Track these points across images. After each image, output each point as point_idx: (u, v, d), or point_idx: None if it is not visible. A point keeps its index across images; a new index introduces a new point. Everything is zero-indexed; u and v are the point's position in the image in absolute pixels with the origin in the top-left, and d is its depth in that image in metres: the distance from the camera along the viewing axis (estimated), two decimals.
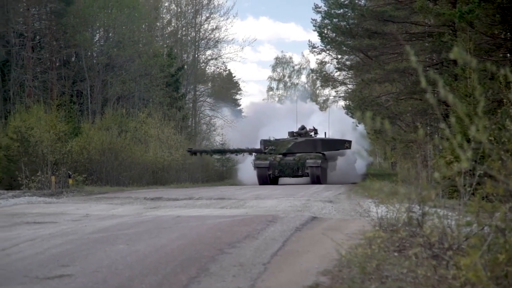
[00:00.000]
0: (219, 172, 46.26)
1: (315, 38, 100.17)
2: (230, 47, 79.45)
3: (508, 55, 24.78)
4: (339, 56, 41.78)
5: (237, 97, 76.19)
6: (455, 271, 5.17)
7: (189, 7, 58.98)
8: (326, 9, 34.06)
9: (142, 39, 49.46)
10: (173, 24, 59.89)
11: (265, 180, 34.84)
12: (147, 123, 39.61)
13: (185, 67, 57.22)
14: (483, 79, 18.64)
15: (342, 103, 50.65)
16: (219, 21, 59.15)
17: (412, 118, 32.59)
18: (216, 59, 61.36)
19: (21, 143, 28.53)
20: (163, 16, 59.79)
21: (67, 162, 29.40)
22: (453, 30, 26.07)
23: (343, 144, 38.87)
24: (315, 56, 64.52)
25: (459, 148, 4.28)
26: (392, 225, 7.77)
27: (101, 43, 47.54)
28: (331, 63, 47.67)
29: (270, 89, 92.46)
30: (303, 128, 39.66)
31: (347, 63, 41.14)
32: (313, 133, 39.63)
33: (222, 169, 46.43)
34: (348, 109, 35.44)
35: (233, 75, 74.96)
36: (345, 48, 35.74)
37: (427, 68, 28.93)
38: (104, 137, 33.68)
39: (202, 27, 58.74)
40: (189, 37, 59.61)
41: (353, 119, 36.04)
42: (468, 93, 16.74)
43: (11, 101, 37.93)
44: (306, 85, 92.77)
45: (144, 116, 40.08)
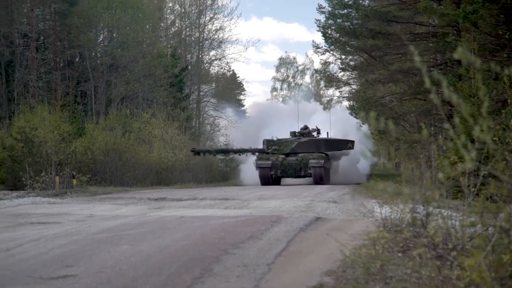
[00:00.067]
0: (223, 172, 46.24)
1: (319, 38, 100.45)
2: (234, 48, 79.78)
3: None
4: (343, 56, 41.78)
5: (241, 97, 76.22)
6: (459, 272, 5.17)
7: (193, 8, 59.03)
8: (330, 9, 34.00)
9: (146, 40, 49.47)
10: (177, 24, 59.93)
11: (267, 180, 34.65)
12: (151, 123, 39.62)
13: (189, 67, 57.22)
14: (487, 79, 18.62)
15: (346, 103, 50.59)
16: (223, 22, 59.47)
17: (416, 118, 32.53)
18: (220, 59, 61.42)
19: (25, 144, 28.57)
20: (167, 16, 59.83)
21: (71, 162, 29.43)
22: (457, 30, 26.04)
23: (346, 144, 38.74)
24: (319, 56, 64.58)
25: (463, 148, 4.27)
26: (396, 226, 7.76)
27: (105, 44, 47.56)
28: (335, 64, 47.70)
29: (274, 89, 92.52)
30: (306, 128, 39.48)
31: (351, 63, 41.12)
32: (315, 133, 39.47)
33: (226, 170, 46.39)
34: (352, 110, 35.34)
35: (237, 76, 74.96)
36: (349, 48, 35.70)
37: (431, 68, 28.88)
38: (108, 137, 33.70)
39: (206, 27, 58.80)
40: (193, 38, 59.64)
41: (357, 119, 35.92)
42: (472, 93, 16.73)
43: (16, 101, 37.98)
44: (310, 86, 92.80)
45: (148, 116, 40.08)
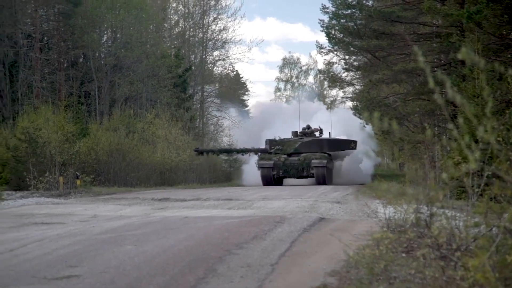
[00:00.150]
0: (227, 173, 46.20)
1: (323, 38, 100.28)
2: (237, 48, 79.61)
3: None
4: (347, 56, 41.75)
5: (245, 97, 76.19)
6: (463, 272, 5.16)
7: (196, 8, 59.03)
8: (333, 9, 34.01)
9: (149, 40, 49.50)
10: (180, 25, 59.92)
11: (269, 181, 34.40)
12: (155, 124, 39.62)
13: (193, 68, 57.22)
14: (491, 79, 18.59)
15: (349, 103, 50.54)
16: (226, 22, 59.24)
17: (420, 118, 32.51)
18: (223, 60, 61.43)
19: (29, 144, 28.59)
20: (171, 17, 59.86)
21: (75, 163, 29.44)
22: (461, 30, 26.03)
23: (349, 144, 38.58)
24: (322, 56, 64.61)
25: (467, 148, 4.27)
26: (400, 226, 7.76)
27: (109, 44, 47.61)
28: (338, 64, 47.65)
29: (277, 89, 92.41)
30: (308, 127, 39.29)
31: (355, 63, 41.09)
32: (318, 133, 39.31)
33: (229, 170, 46.35)
34: (355, 110, 35.31)
35: (241, 76, 74.90)
36: (352, 48, 35.67)
37: (435, 68, 28.87)
38: (111, 138, 33.72)
39: (209, 28, 58.78)
40: (196, 38, 59.63)
41: (360, 120, 35.87)
42: (476, 93, 16.71)
43: (19, 102, 38.01)
44: (313, 86, 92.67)
45: (151, 117, 40.09)
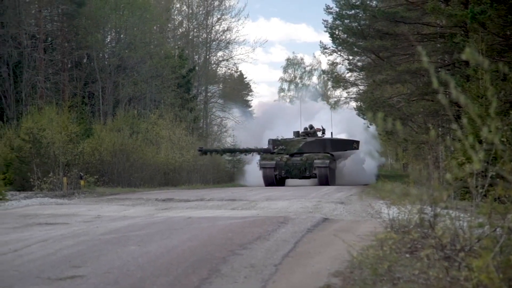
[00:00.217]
0: (230, 173, 46.16)
1: (327, 39, 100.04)
2: (241, 48, 79.52)
3: None
4: (351, 57, 41.65)
5: (248, 98, 76.17)
6: (467, 273, 5.16)
7: (200, 9, 59.06)
8: (337, 10, 33.99)
9: (153, 41, 49.54)
10: (184, 25, 59.97)
11: (271, 181, 34.13)
12: (159, 124, 39.63)
13: (197, 68, 57.25)
14: (495, 80, 18.57)
15: (353, 104, 50.45)
16: (230, 23, 59.11)
17: (423, 119, 32.45)
18: (227, 60, 61.41)
19: (33, 145, 28.62)
20: (175, 17, 59.89)
21: (79, 163, 29.49)
22: (465, 31, 26.00)
23: (352, 144, 38.45)
24: (326, 57, 64.21)
25: (471, 149, 4.26)
26: (403, 227, 7.75)
27: (113, 45, 47.63)
28: (342, 64, 47.50)
29: (281, 90, 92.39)
30: (311, 127, 39.11)
31: (359, 64, 41.02)
32: (320, 133, 39.15)
33: (233, 171, 46.30)
34: (359, 110, 35.27)
35: (245, 77, 74.93)
36: (356, 49, 35.65)
37: (439, 69, 28.83)
38: (115, 138, 33.72)
39: (213, 28, 58.80)
40: (200, 39, 59.65)
41: (364, 120, 35.83)
42: (480, 94, 16.70)
43: (23, 102, 38.06)
44: (317, 86, 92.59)
45: (155, 117, 40.12)
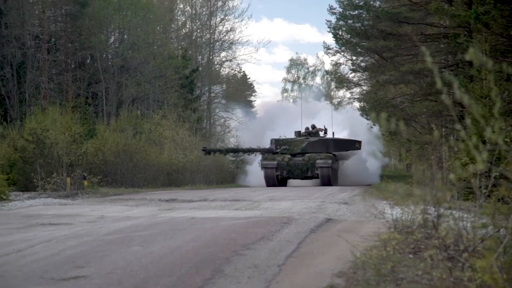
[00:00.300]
0: (234, 173, 46.12)
1: (330, 39, 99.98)
2: (244, 49, 79.42)
3: None
4: (354, 57, 41.64)
5: (252, 98, 76.16)
6: (471, 273, 5.15)
7: (203, 9, 59.07)
8: (340, 10, 34.01)
9: (156, 41, 49.56)
10: (187, 26, 59.95)
11: (273, 181, 33.90)
12: (162, 124, 39.65)
13: (200, 68, 57.24)
14: (499, 80, 18.55)
15: (357, 104, 50.45)
16: (233, 23, 59.12)
17: (427, 119, 32.45)
18: (230, 60, 61.46)
19: (37, 145, 28.67)
20: (178, 18, 59.90)
21: (82, 163, 29.52)
22: (468, 31, 25.98)
23: (354, 144, 38.34)
24: (329, 57, 64.49)
25: (474, 149, 4.26)
26: (407, 227, 7.74)
27: (116, 45, 47.66)
28: (345, 65, 47.50)
29: (284, 90, 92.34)
30: (314, 127, 38.93)
31: (362, 64, 41.00)
32: (322, 133, 39.00)
33: (236, 171, 46.24)
34: (363, 111, 35.25)
35: (248, 77, 74.90)
36: (360, 49, 35.64)
37: (443, 69, 28.83)
38: (119, 138, 33.74)
39: (216, 29, 58.80)
40: (203, 39, 59.67)
41: (368, 120, 35.79)
42: (483, 94, 16.68)
43: (27, 103, 38.09)
44: (320, 87, 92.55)
45: (158, 117, 40.12)
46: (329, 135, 38.40)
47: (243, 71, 71.10)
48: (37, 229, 11.79)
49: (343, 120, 48.28)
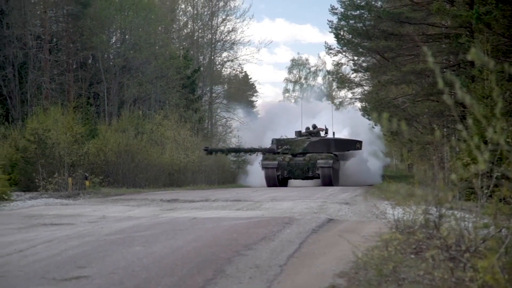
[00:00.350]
0: (235, 174, 46.11)
1: (332, 39, 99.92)
2: (246, 49, 79.09)
3: None
4: (356, 57, 41.61)
5: (253, 99, 76.15)
6: (472, 274, 5.15)
7: (205, 9, 59.07)
8: (342, 10, 33.99)
9: (158, 41, 49.57)
10: (189, 26, 59.98)
11: (273, 181, 33.74)
12: (163, 125, 39.66)
13: (201, 69, 57.25)
14: (500, 80, 18.55)
15: (358, 104, 50.41)
16: (235, 23, 59.12)
17: (429, 119, 32.41)
18: (232, 61, 61.44)
19: (38, 145, 28.69)
20: (180, 18, 59.92)
21: (84, 164, 29.53)
22: (470, 31, 25.96)
23: (354, 144, 38.26)
24: (331, 57, 64.26)
25: (476, 150, 4.26)
26: (408, 227, 7.74)
27: (118, 46, 47.69)
28: (347, 65, 47.44)
29: (286, 91, 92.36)
30: (315, 127, 38.78)
31: (364, 64, 40.97)
32: (323, 132, 38.90)
33: (238, 171, 46.21)
34: (364, 111, 35.22)
35: (249, 77, 74.88)
36: (361, 49, 35.62)
37: (444, 69, 28.82)
38: (120, 139, 33.75)
39: (218, 29, 58.79)
40: (205, 39, 59.67)
41: (369, 121, 35.74)
42: (485, 94, 16.67)
43: (29, 103, 38.11)
44: (322, 87, 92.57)
45: (160, 118, 40.13)
46: (330, 135, 38.30)
47: (245, 72, 71.17)
48: (39, 229, 11.80)
49: (344, 119, 48.26)
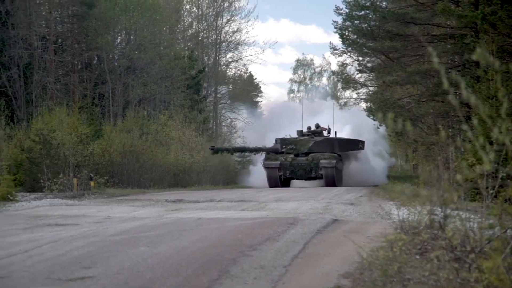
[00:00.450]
0: (239, 174, 46.03)
1: (336, 40, 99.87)
2: (251, 50, 79.17)
3: None
4: (360, 58, 41.56)
5: (258, 99, 76.07)
6: (478, 274, 5.14)
7: (210, 10, 59.08)
8: (347, 11, 33.98)
9: (163, 42, 49.59)
10: (194, 26, 59.97)
11: (275, 182, 33.51)
12: (168, 125, 39.65)
13: (206, 69, 57.25)
14: (506, 81, 18.51)
15: (363, 105, 50.36)
16: (240, 24, 59.15)
17: (434, 120, 32.39)
18: (237, 61, 61.47)
19: (44, 146, 28.72)
20: (184, 18, 59.89)
21: (89, 164, 29.57)
22: (475, 32, 25.93)
23: (357, 144, 38.14)
24: (336, 58, 64.24)
25: (481, 150, 4.25)
26: (413, 228, 7.73)
27: (123, 46, 47.75)
28: (352, 65, 47.37)
29: (291, 91, 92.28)
30: (318, 126, 38.61)
31: (369, 65, 40.93)
32: (326, 132, 38.72)
33: (242, 171, 46.13)
34: (369, 111, 35.17)
35: (254, 78, 74.76)
36: (366, 50, 35.59)
37: (449, 70, 28.79)
38: (125, 139, 33.76)
39: (223, 29, 58.82)
40: (210, 40, 59.68)
41: (374, 121, 35.67)
42: (490, 94, 16.65)
43: (34, 103, 38.15)
44: (327, 87, 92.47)
45: (165, 118, 40.13)
46: (332, 134, 38.18)
47: (249, 72, 71.03)
48: (44, 229, 11.81)
49: (345, 117, 48.24)
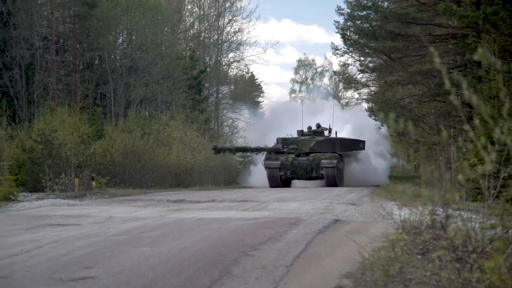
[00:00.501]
0: (241, 174, 46.02)
1: (338, 40, 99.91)
2: (252, 50, 79.10)
3: None
4: (362, 58, 41.56)
5: (260, 99, 76.06)
6: (479, 274, 5.14)
7: (211, 10, 59.06)
8: (349, 11, 33.96)
9: (165, 42, 49.59)
10: (195, 26, 59.98)
11: (276, 182, 33.40)
12: (170, 125, 39.67)
13: (208, 69, 57.26)
14: (507, 81, 18.52)
15: (365, 105, 50.35)
16: (241, 24, 59.12)
17: (435, 120, 32.35)
18: (238, 61, 61.41)
19: (45, 146, 28.75)
20: (186, 19, 59.90)
21: (90, 164, 29.59)
22: (477, 32, 25.92)
23: (358, 144, 38.10)
24: (337, 58, 64.26)
25: (483, 150, 4.25)
26: (415, 228, 7.73)
27: (124, 46, 47.77)
28: (354, 65, 47.41)
29: (292, 91, 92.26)
30: (319, 126, 38.63)
31: (370, 65, 40.91)
32: (327, 132, 38.63)
33: (244, 171, 46.13)
34: (371, 111, 35.14)
35: (256, 78, 74.74)
36: (368, 50, 35.57)
37: (451, 70, 28.77)
38: (127, 139, 33.78)
39: (224, 29, 58.78)
40: (211, 40, 59.66)
41: (376, 121, 35.65)
42: (492, 95, 16.64)
43: (35, 104, 38.18)
44: (328, 88, 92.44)
45: (166, 118, 40.14)
46: (332, 134, 38.14)
47: (251, 72, 70.98)
48: (46, 229, 11.82)
49: (346, 116, 48.24)
